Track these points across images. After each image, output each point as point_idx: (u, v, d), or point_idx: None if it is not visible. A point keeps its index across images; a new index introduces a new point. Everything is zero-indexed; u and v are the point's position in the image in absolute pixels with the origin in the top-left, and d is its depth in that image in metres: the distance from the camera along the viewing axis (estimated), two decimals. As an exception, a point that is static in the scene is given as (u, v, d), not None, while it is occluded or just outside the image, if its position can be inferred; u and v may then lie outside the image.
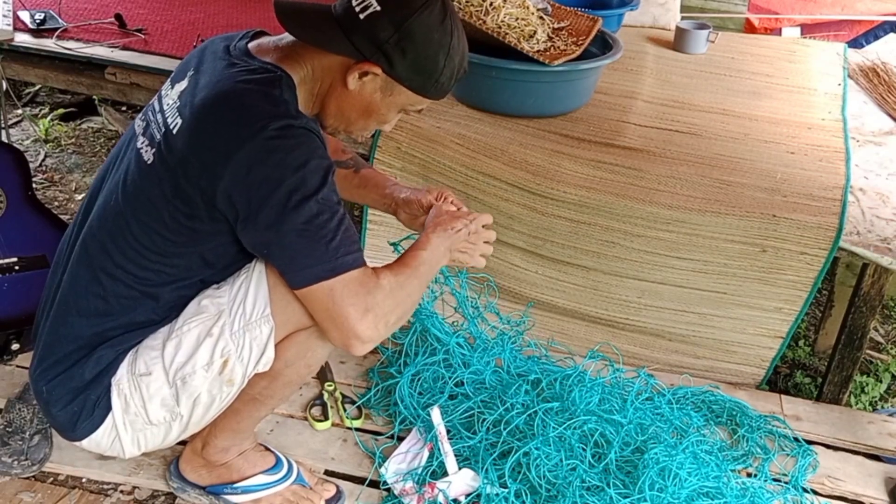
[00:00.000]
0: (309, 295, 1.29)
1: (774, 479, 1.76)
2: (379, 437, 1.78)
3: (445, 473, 1.63)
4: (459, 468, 1.63)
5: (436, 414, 1.68)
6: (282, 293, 1.34)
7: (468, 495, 1.62)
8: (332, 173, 1.29)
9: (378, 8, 1.28)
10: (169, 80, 1.43)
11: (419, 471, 1.66)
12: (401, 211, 1.64)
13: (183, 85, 1.35)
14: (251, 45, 1.37)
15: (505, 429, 1.70)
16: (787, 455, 1.83)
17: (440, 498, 1.59)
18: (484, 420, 1.75)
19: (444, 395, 1.82)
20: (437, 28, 1.30)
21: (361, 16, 1.28)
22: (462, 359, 1.91)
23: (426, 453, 1.69)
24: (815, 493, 1.75)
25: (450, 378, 1.85)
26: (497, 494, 1.58)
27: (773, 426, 1.90)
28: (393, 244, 1.80)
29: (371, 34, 1.28)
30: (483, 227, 1.52)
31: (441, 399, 1.80)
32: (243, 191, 1.24)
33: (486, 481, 1.61)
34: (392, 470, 1.67)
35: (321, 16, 1.32)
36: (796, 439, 1.87)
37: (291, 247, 1.26)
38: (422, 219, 1.60)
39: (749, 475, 1.76)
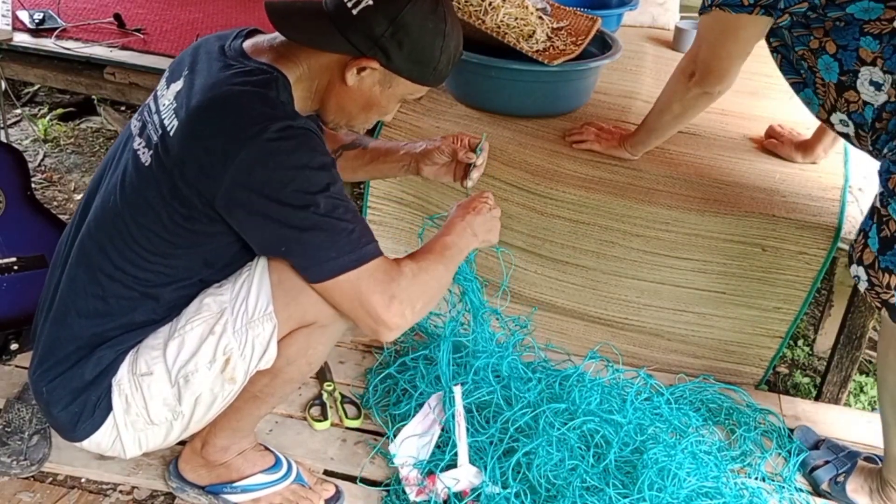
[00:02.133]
0: (334, 287, 1.29)
1: (771, 479, 1.76)
2: (378, 437, 1.78)
3: (453, 464, 1.63)
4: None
5: (458, 393, 1.67)
6: (284, 290, 1.35)
7: (469, 492, 1.62)
8: (335, 168, 1.30)
9: (370, 2, 1.28)
10: (163, 79, 1.42)
11: (425, 461, 1.66)
12: (422, 166, 1.65)
13: (178, 85, 1.35)
14: (246, 44, 1.36)
15: (512, 426, 1.70)
16: (781, 454, 1.83)
17: (441, 491, 1.59)
18: (494, 417, 1.75)
19: (467, 373, 1.81)
20: (431, 16, 1.30)
21: (354, 11, 1.28)
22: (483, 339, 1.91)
23: (437, 432, 1.68)
24: (811, 492, 1.75)
25: (471, 356, 1.85)
26: (497, 493, 1.58)
27: (768, 420, 1.91)
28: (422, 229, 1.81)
29: (366, 29, 1.28)
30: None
31: (467, 377, 1.80)
32: (246, 194, 1.24)
33: (487, 480, 1.60)
34: (402, 452, 1.67)
35: (314, 14, 1.32)
36: (790, 436, 1.87)
37: (313, 242, 1.26)
38: (446, 166, 1.64)
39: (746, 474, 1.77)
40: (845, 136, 1.67)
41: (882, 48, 1.49)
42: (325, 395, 1.87)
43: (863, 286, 1.56)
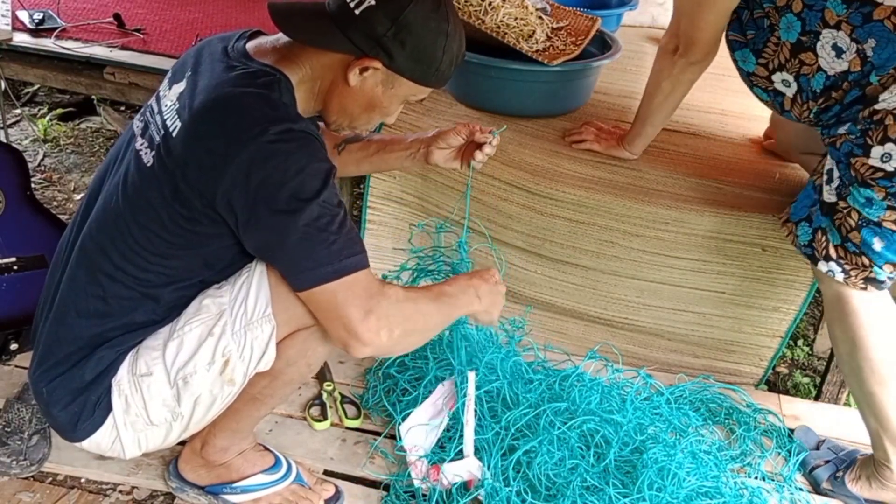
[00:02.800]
0: (312, 297, 1.29)
1: (770, 478, 1.76)
2: (378, 437, 1.78)
3: (458, 455, 1.63)
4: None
5: (471, 379, 1.67)
6: (283, 292, 1.35)
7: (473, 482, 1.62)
8: (332, 176, 1.29)
9: (373, 2, 1.28)
10: (166, 80, 1.42)
11: (429, 452, 1.66)
12: (434, 149, 1.65)
13: (181, 86, 1.35)
14: (249, 45, 1.37)
15: (513, 426, 1.70)
16: (781, 454, 1.83)
17: (444, 481, 1.59)
18: (501, 412, 1.75)
19: (479, 362, 1.81)
20: (433, 16, 1.30)
21: (356, 11, 1.28)
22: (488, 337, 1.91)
23: (445, 421, 1.68)
24: (811, 491, 1.75)
25: (477, 347, 1.85)
26: (499, 492, 1.58)
27: (768, 419, 1.91)
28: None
29: (368, 29, 1.28)
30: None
31: (479, 366, 1.79)
32: (243, 195, 1.24)
33: (489, 477, 1.60)
34: (409, 439, 1.67)
35: (316, 15, 1.32)
36: (790, 436, 1.87)
37: (293, 250, 1.26)
38: (457, 150, 1.65)
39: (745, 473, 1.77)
40: (780, 95, 1.68)
41: (849, 13, 1.50)
42: (324, 395, 1.87)
43: (840, 277, 1.59)
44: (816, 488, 1.75)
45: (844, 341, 1.64)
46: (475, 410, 1.67)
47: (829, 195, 1.58)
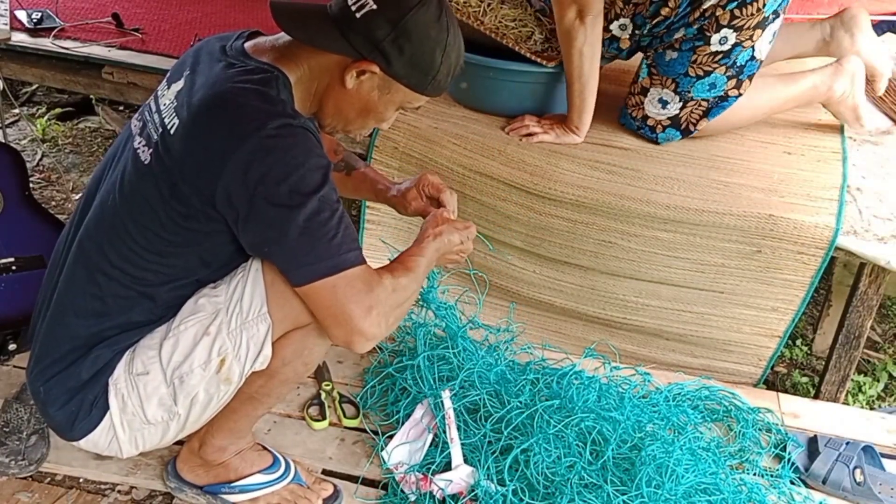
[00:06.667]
0: (311, 292, 1.29)
1: (770, 475, 1.75)
2: (376, 437, 1.78)
3: (448, 465, 1.63)
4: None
5: (446, 398, 1.68)
6: (279, 291, 1.35)
7: (464, 492, 1.62)
8: (330, 171, 1.29)
9: (374, 6, 1.28)
10: (165, 79, 1.43)
11: (418, 465, 1.66)
12: (399, 208, 1.67)
13: (179, 85, 1.35)
14: (247, 44, 1.37)
15: (506, 428, 1.69)
16: (778, 451, 1.83)
17: (436, 492, 1.59)
18: (487, 417, 1.74)
19: (454, 381, 1.80)
20: (434, 25, 1.30)
21: (358, 14, 1.29)
22: (468, 352, 1.91)
23: (429, 438, 1.69)
24: (809, 487, 1.75)
25: (458, 367, 1.85)
26: (496, 491, 1.58)
27: (765, 418, 1.91)
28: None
29: (368, 33, 1.28)
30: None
31: (454, 384, 1.79)
32: (242, 190, 1.24)
33: (484, 479, 1.60)
34: (394, 458, 1.67)
35: (317, 16, 1.33)
36: (787, 434, 1.87)
37: (293, 245, 1.26)
38: (413, 207, 1.64)
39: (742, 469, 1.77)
40: (615, 40, 2.13)
41: None
42: (323, 395, 1.87)
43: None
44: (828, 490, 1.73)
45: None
46: (457, 422, 1.68)
47: (671, 110, 2.09)
